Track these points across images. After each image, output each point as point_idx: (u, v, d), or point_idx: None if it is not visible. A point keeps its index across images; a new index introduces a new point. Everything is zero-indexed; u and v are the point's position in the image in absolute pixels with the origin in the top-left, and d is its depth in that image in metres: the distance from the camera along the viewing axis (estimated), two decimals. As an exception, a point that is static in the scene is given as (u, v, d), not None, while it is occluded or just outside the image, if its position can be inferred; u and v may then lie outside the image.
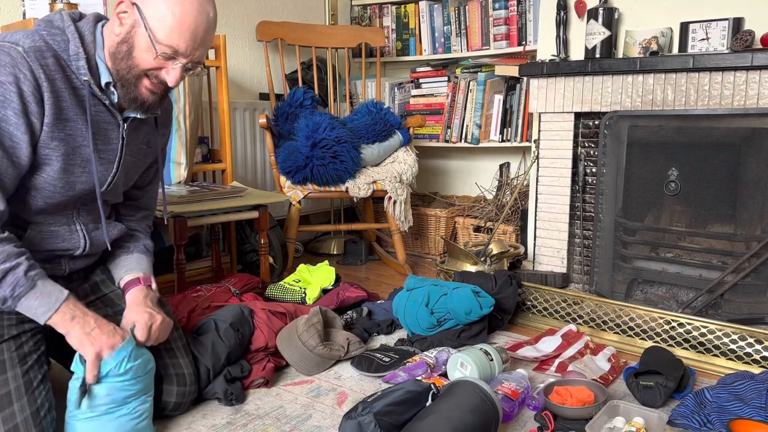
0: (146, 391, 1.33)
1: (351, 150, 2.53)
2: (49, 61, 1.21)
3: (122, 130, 1.36)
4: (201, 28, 1.23)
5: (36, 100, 1.19)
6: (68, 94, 1.24)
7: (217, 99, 2.44)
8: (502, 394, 1.45)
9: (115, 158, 1.37)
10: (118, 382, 1.25)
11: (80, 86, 1.26)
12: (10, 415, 1.19)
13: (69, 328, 1.22)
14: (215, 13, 1.28)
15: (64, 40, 1.24)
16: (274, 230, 2.53)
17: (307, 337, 1.69)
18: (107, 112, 1.32)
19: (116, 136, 1.36)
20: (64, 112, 1.24)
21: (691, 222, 2.05)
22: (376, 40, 3.10)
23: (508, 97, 2.96)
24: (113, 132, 1.35)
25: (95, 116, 1.30)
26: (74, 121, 1.27)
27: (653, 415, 1.36)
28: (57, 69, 1.22)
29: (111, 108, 1.32)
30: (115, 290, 1.50)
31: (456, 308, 1.83)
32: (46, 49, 1.21)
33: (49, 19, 1.26)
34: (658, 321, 1.86)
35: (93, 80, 1.26)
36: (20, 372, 1.23)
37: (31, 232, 1.31)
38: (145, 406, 1.31)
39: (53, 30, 1.24)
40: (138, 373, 1.29)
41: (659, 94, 2.00)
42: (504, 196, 2.99)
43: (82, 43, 1.25)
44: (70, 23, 1.25)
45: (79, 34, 1.25)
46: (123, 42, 1.23)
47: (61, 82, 1.23)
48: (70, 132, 1.26)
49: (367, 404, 1.28)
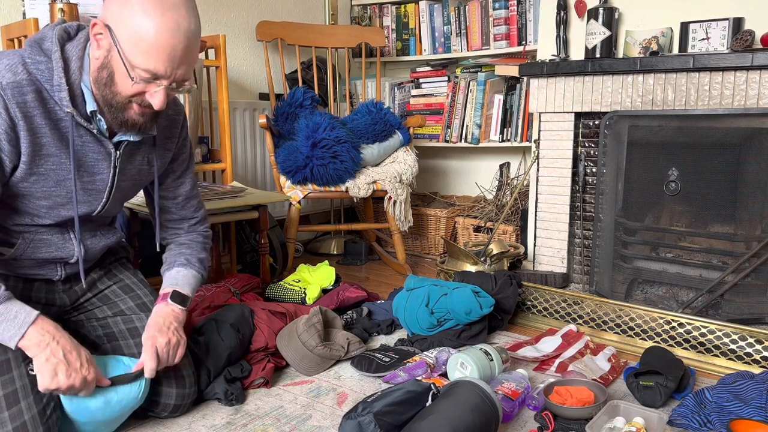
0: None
1: (351, 150, 2.53)
2: (27, 97, 1.16)
3: (114, 159, 1.31)
4: (179, 46, 1.14)
5: (9, 139, 1.16)
6: (49, 129, 1.20)
7: (217, 99, 2.44)
8: (502, 394, 1.45)
9: (105, 187, 1.33)
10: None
11: (63, 118, 1.21)
12: (18, 413, 1.18)
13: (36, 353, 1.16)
14: (196, 23, 1.18)
15: (48, 69, 1.18)
16: (274, 230, 2.53)
17: (307, 337, 1.69)
18: (95, 142, 1.27)
19: (107, 165, 1.31)
20: (44, 148, 1.21)
21: (691, 222, 2.05)
22: (376, 40, 3.10)
23: (508, 97, 2.96)
24: (103, 162, 1.30)
25: (82, 147, 1.25)
26: (56, 156, 1.23)
27: (653, 415, 1.35)
28: (37, 104, 1.17)
29: (100, 136, 1.27)
30: (111, 286, 1.49)
31: (456, 308, 1.83)
32: (26, 83, 1.16)
33: (39, 39, 1.21)
34: (658, 321, 1.86)
35: (77, 111, 1.21)
36: (25, 371, 1.22)
37: (23, 240, 1.30)
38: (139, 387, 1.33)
39: (38, 57, 1.18)
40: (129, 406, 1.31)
41: (659, 94, 2.00)
42: (504, 196, 2.99)
43: (66, 71, 1.19)
44: (57, 48, 1.19)
45: (64, 61, 1.19)
46: (103, 67, 1.17)
47: (40, 117, 1.18)
48: (51, 167, 1.23)
49: (367, 404, 1.28)
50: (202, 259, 1.53)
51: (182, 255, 1.50)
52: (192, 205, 1.55)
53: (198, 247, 1.54)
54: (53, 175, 1.24)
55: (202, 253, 1.53)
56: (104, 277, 1.50)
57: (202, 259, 1.53)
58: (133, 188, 1.43)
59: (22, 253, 1.30)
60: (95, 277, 1.49)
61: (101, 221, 1.44)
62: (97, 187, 1.32)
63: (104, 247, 1.44)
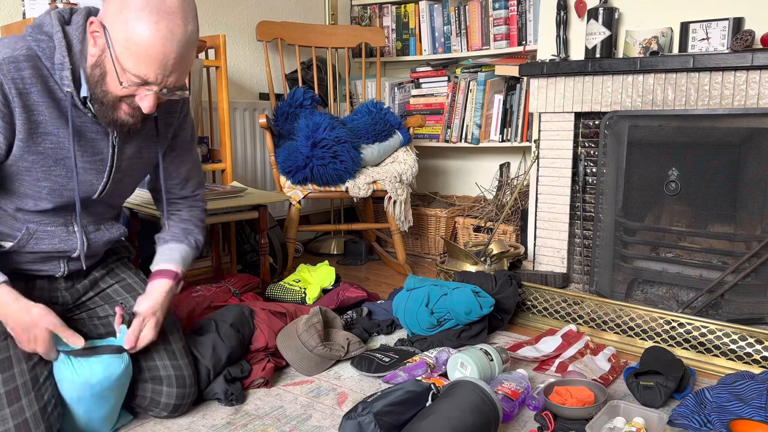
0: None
1: (351, 150, 2.53)
2: (25, 72, 1.15)
3: (113, 138, 1.30)
4: (171, 55, 1.12)
5: (2, 115, 1.15)
6: (47, 107, 1.19)
7: (217, 99, 2.44)
8: (502, 394, 1.45)
9: (105, 167, 1.32)
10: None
11: (63, 97, 1.20)
12: (19, 410, 1.19)
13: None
14: (193, 30, 1.15)
15: (50, 47, 1.18)
16: (274, 230, 2.53)
17: (307, 337, 1.69)
18: (94, 122, 1.26)
19: (106, 144, 1.30)
20: (41, 126, 1.20)
21: (691, 222, 2.05)
22: (376, 40, 3.10)
23: (508, 97, 2.96)
24: (102, 141, 1.29)
25: (81, 127, 1.25)
26: (55, 134, 1.22)
27: (653, 415, 1.35)
28: (35, 81, 1.16)
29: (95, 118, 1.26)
30: (113, 285, 1.49)
31: (456, 308, 1.83)
32: (24, 59, 1.15)
33: (39, 23, 1.21)
34: (658, 321, 1.86)
35: (76, 91, 1.20)
36: (27, 368, 1.23)
37: (27, 232, 1.30)
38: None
39: (40, 36, 1.18)
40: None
41: (659, 94, 2.00)
42: (504, 196, 2.99)
43: (69, 51, 1.18)
44: (58, 28, 1.18)
45: (66, 42, 1.18)
46: (96, 65, 1.17)
47: (38, 95, 1.18)
48: (50, 146, 1.23)
49: (367, 404, 1.28)
50: (198, 239, 1.54)
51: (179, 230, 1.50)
52: (192, 186, 1.55)
53: (198, 224, 1.55)
54: (52, 154, 1.24)
55: (199, 234, 1.55)
56: (106, 276, 1.50)
57: (199, 240, 1.54)
58: (134, 169, 1.41)
59: (25, 245, 1.30)
60: (97, 276, 1.49)
61: (104, 213, 1.43)
62: (97, 167, 1.31)
63: (107, 241, 1.44)
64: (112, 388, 1.31)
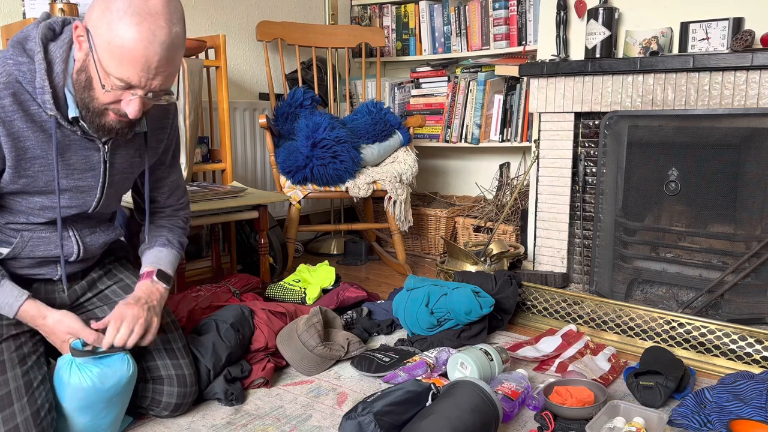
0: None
1: (351, 150, 2.53)
2: (5, 101, 1.14)
3: (103, 154, 1.29)
4: (154, 58, 1.10)
5: None
6: (32, 132, 1.18)
7: (217, 99, 2.44)
8: (502, 394, 1.45)
9: (98, 184, 1.32)
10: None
11: (47, 120, 1.19)
12: (11, 415, 1.18)
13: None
14: (178, 33, 1.13)
15: (30, 71, 1.15)
16: (274, 230, 2.53)
17: (307, 337, 1.69)
18: (83, 139, 1.25)
19: (97, 161, 1.29)
20: (29, 152, 1.20)
21: (691, 222, 2.05)
22: (376, 40, 3.10)
23: (508, 97, 2.96)
24: (92, 158, 1.29)
25: (69, 146, 1.24)
26: (43, 158, 1.22)
27: (653, 415, 1.35)
28: (16, 108, 1.15)
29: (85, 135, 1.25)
30: (111, 286, 1.49)
31: (456, 308, 1.83)
32: (4, 86, 1.14)
33: (24, 37, 1.18)
34: (658, 321, 1.86)
35: (60, 113, 1.18)
36: (20, 372, 1.23)
37: (21, 239, 1.30)
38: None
39: (21, 58, 1.15)
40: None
41: (659, 94, 2.00)
42: (504, 196, 2.99)
43: (49, 73, 1.16)
44: (40, 49, 1.15)
45: (47, 63, 1.16)
46: (81, 70, 1.15)
47: (21, 121, 1.16)
48: (39, 169, 1.22)
49: (367, 404, 1.28)
50: (182, 242, 1.53)
51: (163, 236, 1.49)
52: (177, 195, 1.55)
53: (179, 231, 1.54)
54: (42, 177, 1.24)
55: (182, 237, 1.54)
56: (104, 276, 1.50)
57: (182, 243, 1.53)
58: (126, 181, 1.42)
59: (21, 252, 1.30)
60: (95, 277, 1.49)
61: (100, 218, 1.43)
62: (89, 184, 1.31)
63: (104, 244, 1.44)
64: (120, 393, 1.31)
